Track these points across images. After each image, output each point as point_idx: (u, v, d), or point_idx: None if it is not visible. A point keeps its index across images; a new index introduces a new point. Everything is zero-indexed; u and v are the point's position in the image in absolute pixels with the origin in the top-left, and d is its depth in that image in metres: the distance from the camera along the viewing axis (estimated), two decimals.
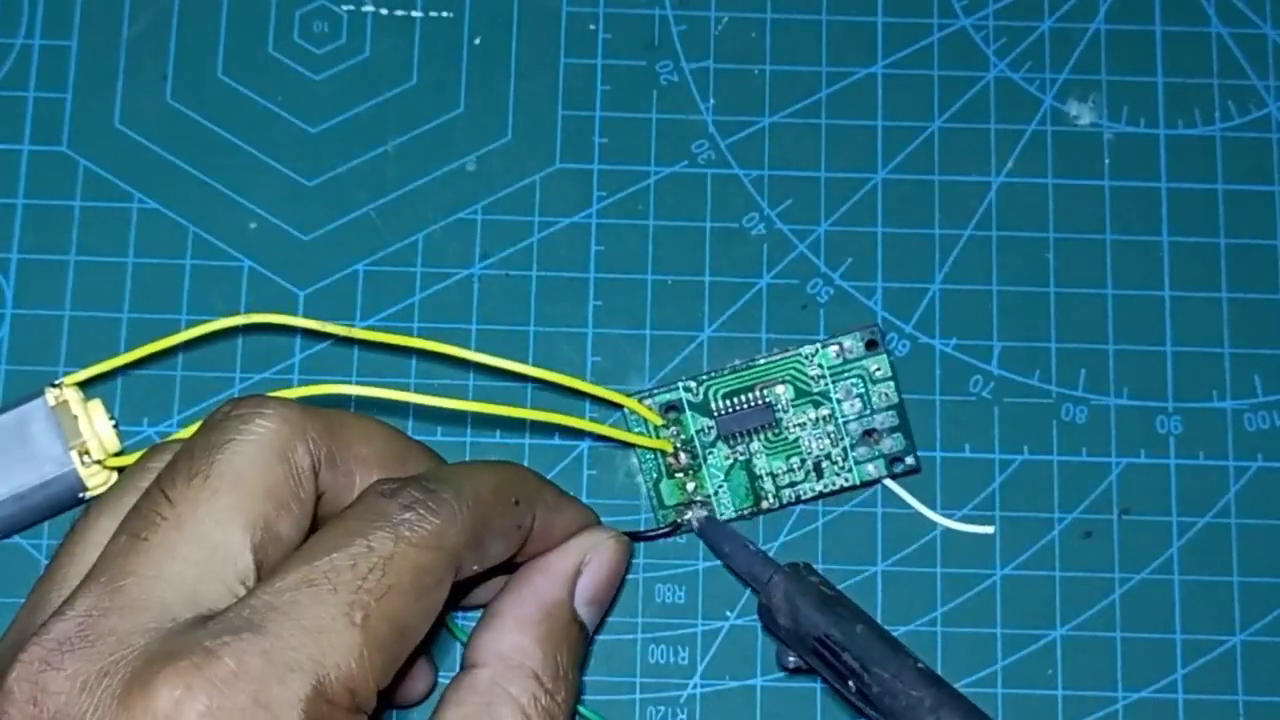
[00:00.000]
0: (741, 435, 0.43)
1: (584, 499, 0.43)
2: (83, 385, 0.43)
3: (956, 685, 0.42)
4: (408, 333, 0.44)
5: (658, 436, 0.43)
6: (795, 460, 0.43)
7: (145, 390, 0.44)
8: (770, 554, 0.43)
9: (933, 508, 0.43)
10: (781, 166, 0.46)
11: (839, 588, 0.41)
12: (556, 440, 0.44)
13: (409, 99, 0.46)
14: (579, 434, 0.44)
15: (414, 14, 0.47)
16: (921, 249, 0.45)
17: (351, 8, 0.47)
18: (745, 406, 0.43)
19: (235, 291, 0.44)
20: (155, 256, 0.45)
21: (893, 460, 0.43)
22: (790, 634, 0.41)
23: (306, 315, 0.44)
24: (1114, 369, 0.44)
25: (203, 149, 0.46)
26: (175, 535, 0.34)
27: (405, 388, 0.43)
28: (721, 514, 0.43)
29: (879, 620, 0.41)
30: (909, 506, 0.43)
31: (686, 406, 0.44)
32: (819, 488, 0.43)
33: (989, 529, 0.43)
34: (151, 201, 0.45)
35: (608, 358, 0.44)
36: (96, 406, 0.43)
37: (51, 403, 0.42)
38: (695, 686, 0.42)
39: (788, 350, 0.44)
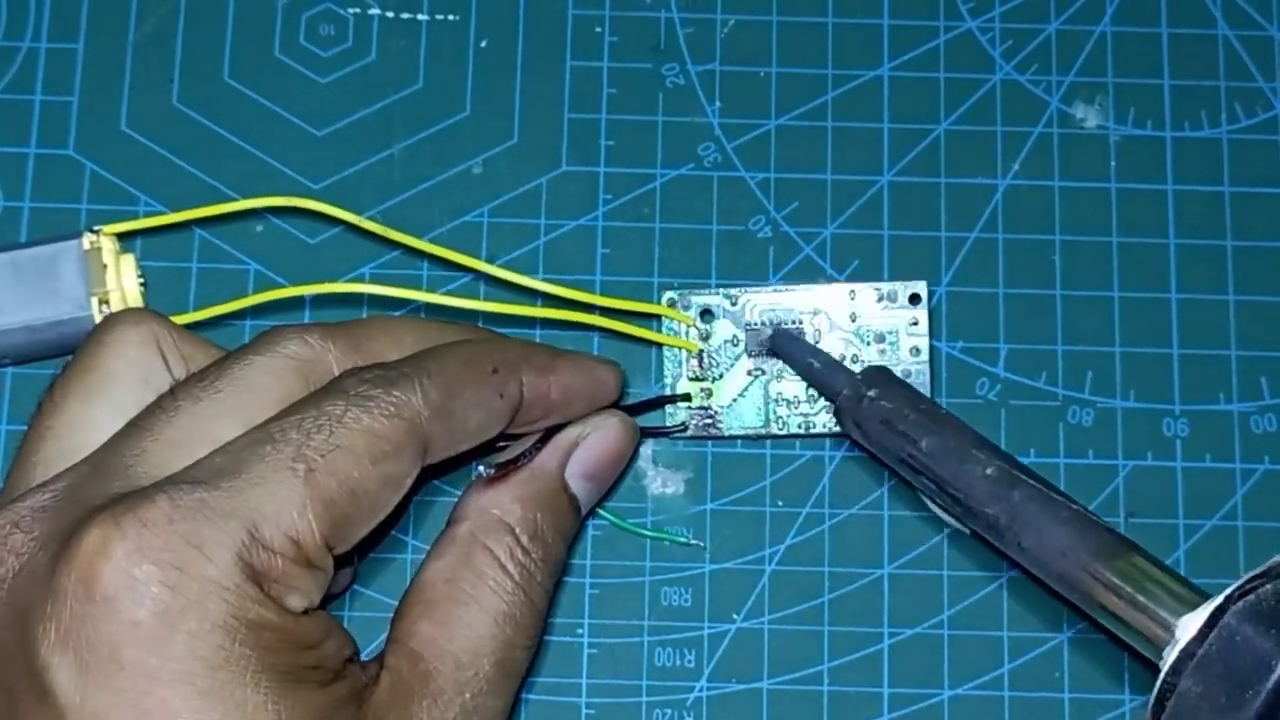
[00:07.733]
0: (767, 354, 0.44)
1: None
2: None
3: (963, 688, 0.42)
4: None
5: (686, 337, 0.44)
6: (814, 390, 0.43)
7: None
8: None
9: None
10: (788, 169, 0.46)
11: (903, 414, 0.41)
12: None
13: (415, 102, 0.46)
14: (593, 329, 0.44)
15: (420, 17, 0.47)
16: (928, 251, 0.45)
17: (357, 11, 0.47)
18: (779, 326, 0.44)
19: (241, 295, 0.44)
20: (161, 260, 0.45)
21: None
22: (876, 452, 0.42)
23: (313, 318, 0.44)
24: (1120, 371, 0.44)
25: (209, 152, 0.46)
26: (166, 422, 0.35)
27: None
28: (729, 430, 0.43)
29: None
30: (915, 510, 0.43)
31: (722, 314, 0.44)
32: (831, 423, 0.43)
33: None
34: (158, 204, 0.45)
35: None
36: (128, 261, 0.44)
37: (86, 247, 0.43)
38: (701, 689, 0.42)
39: (831, 283, 0.44)
